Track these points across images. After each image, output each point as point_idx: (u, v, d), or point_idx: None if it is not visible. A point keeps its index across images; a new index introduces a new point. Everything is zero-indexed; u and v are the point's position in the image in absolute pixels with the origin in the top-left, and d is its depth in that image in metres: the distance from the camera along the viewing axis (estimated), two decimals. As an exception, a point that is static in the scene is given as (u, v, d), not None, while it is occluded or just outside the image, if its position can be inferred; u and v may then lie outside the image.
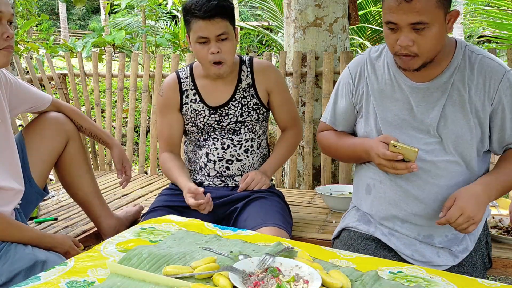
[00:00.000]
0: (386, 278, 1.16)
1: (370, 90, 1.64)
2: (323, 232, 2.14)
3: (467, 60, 1.53)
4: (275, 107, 2.09)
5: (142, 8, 6.81)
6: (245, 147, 2.04)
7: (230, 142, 2.02)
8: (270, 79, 2.05)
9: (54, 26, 19.16)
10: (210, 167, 2.04)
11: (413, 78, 1.56)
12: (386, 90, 1.61)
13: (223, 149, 2.02)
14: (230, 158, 2.03)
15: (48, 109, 2.04)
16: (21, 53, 5.47)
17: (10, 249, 1.60)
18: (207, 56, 1.87)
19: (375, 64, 1.65)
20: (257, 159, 2.08)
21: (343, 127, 1.77)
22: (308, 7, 3.01)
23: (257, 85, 2.03)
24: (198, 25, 1.84)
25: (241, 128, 2.02)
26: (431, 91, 1.54)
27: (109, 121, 3.46)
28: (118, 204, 2.60)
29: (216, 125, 2.02)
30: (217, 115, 2.01)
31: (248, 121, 2.02)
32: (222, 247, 1.30)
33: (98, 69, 3.53)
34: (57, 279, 1.10)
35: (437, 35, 1.42)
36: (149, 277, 1.10)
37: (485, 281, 1.17)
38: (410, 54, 1.44)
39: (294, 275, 1.11)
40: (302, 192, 2.83)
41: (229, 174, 2.04)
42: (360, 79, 1.68)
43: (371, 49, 1.70)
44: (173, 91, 2.05)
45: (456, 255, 1.57)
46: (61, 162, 2.08)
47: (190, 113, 2.03)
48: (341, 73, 1.77)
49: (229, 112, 2.01)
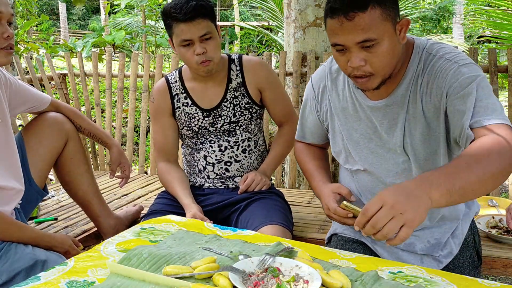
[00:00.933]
0: (386, 278, 1.16)
1: (333, 109, 1.56)
2: (323, 232, 2.14)
3: (423, 64, 1.38)
4: (268, 104, 2.07)
5: (142, 8, 6.82)
6: (242, 148, 2.03)
7: (227, 144, 2.01)
8: (261, 76, 2.01)
9: (54, 26, 19.16)
10: (209, 170, 2.04)
11: (372, 96, 1.46)
12: (348, 109, 1.52)
13: (220, 151, 2.01)
14: (229, 159, 2.02)
15: (47, 109, 2.05)
16: (21, 53, 5.47)
17: (10, 249, 1.60)
18: (193, 58, 1.84)
19: (336, 79, 1.55)
20: (255, 157, 2.07)
21: (312, 141, 1.73)
22: (308, 7, 3.02)
23: (247, 83, 2.00)
24: (179, 28, 1.80)
25: (235, 129, 2.00)
26: (390, 108, 1.43)
27: (109, 121, 3.46)
28: (118, 204, 2.60)
29: (211, 127, 2.00)
30: (210, 118, 1.99)
31: (241, 120, 2.00)
32: (222, 247, 1.30)
33: (98, 69, 3.53)
34: (57, 279, 1.10)
35: (389, 50, 1.29)
36: (149, 277, 1.10)
37: (485, 281, 1.17)
38: (365, 75, 1.32)
39: (294, 275, 1.11)
40: (302, 192, 2.83)
41: (228, 176, 2.04)
42: (323, 95, 1.60)
43: (331, 63, 1.57)
44: (163, 96, 2.02)
45: (440, 260, 1.53)
46: (60, 161, 2.08)
47: (183, 117, 2.01)
48: (306, 86, 1.68)
49: (222, 114, 1.99)
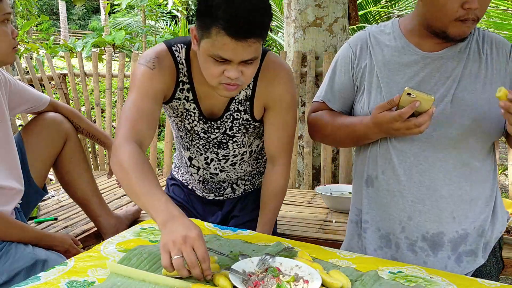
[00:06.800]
0: (386, 278, 1.16)
1: (374, 61, 1.54)
2: (323, 232, 2.14)
3: (477, 33, 1.50)
4: (267, 127, 1.67)
5: (142, 8, 6.83)
6: (231, 161, 1.77)
7: (214, 156, 1.74)
8: (273, 92, 1.60)
9: (54, 26, 19.15)
10: (193, 171, 1.83)
11: (425, 49, 1.50)
12: (393, 63, 1.52)
13: (206, 163, 1.77)
14: (214, 171, 1.80)
15: (46, 110, 2.05)
16: (21, 53, 5.47)
17: (11, 249, 1.61)
18: (219, 77, 1.38)
19: (379, 37, 1.57)
20: (247, 165, 1.83)
21: (339, 106, 1.61)
22: (308, 7, 3.01)
23: (255, 98, 1.61)
24: (222, 41, 1.30)
25: (228, 142, 1.70)
26: (445, 60, 1.47)
27: (109, 121, 3.46)
28: (118, 204, 2.60)
29: (203, 133, 1.68)
30: (206, 126, 1.66)
31: (237, 136, 1.69)
32: (222, 247, 1.30)
33: (98, 69, 3.53)
34: (57, 279, 1.10)
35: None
36: (149, 277, 1.10)
37: (485, 281, 1.17)
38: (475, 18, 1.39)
39: (294, 275, 1.11)
40: (302, 192, 2.83)
41: (216, 180, 1.84)
42: (361, 52, 1.57)
43: (371, 26, 1.62)
44: (169, 75, 1.54)
45: None
46: (59, 161, 2.08)
47: (179, 110, 1.64)
48: (339, 50, 1.65)
49: (220, 125, 1.66)
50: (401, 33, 1.53)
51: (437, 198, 1.46)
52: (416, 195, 1.47)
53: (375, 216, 1.55)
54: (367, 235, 1.56)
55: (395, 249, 1.51)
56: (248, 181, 1.89)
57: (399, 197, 1.49)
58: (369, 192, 1.56)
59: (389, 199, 1.51)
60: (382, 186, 1.52)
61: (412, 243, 1.49)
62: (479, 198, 1.50)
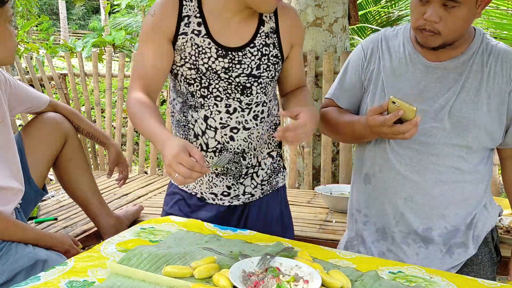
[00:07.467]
0: (386, 278, 1.16)
1: (381, 66, 1.59)
2: (323, 232, 2.15)
3: (484, 46, 1.51)
4: (290, 66, 1.67)
5: (142, 8, 6.83)
6: (254, 113, 1.60)
7: (238, 105, 1.57)
8: (298, 30, 1.65)
9: (54, 26, 19.15)
10: (209, 136, 1.59)
11: (429, 58, 1.52)
12: (399, 69, 1.56)
13: (228, 113, 1.57)
14: (236, 125, 1.58)
15: (46, 110, 2.05)
16: (21, 53, 5.47)
17: (11, 249, 1.61)
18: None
19: (390, 42, 1.61)
20: (266, 129, 1.66)
21: (346, 104, 1.68)
22: (308, 7, 3.01)
23: (281, 33, 1.58)
24: None
25: (252, 85, 1.56)
26: (447, 71, 1.50)
27: (109, 121, 3.46)
28: (118, 204, 2.60)
29: (223, 73, 1.53)
30: (226, 60, 1.52)
31: (263, 77, 1.57)
32: (222, 247, 1.30)
33: (98, 69, 3.53)
34: (57, 279, 1.10)
35: (465, 17, 1.38)
36: (149, 277, 1.10)
37: (485, 281, 1.18)
38: (433, 31, 1.40)
39: (294, 275, 1.11)
40: (302, 192, 2.83)
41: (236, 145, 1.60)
42: (372, 55, 1.63)
43: (387, 29, 1.66)
44: (169, 12, 1.50)
45: None
46: (59, 161, 2.09)
47: (189, 49, 1.52)
48: (353, 51, 1.71)
49: (243, 60, 1.53)
50: (410, 40, 1.56)
51: (428, 198, 1.52)
52: (409, 194, 1.54)
53: (372, 211, 1.62)
54: (366, 227, 1.64)
55: (391, 241, 1.59)
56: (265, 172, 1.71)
57: (393, 195, 1.56)
58: (367, 188, 1.63)
59: (385, 196, 1.58)
60: (378, 183, 1.59)
61: (406, 236, 1.56)
62: (470, 198, 1.55)
